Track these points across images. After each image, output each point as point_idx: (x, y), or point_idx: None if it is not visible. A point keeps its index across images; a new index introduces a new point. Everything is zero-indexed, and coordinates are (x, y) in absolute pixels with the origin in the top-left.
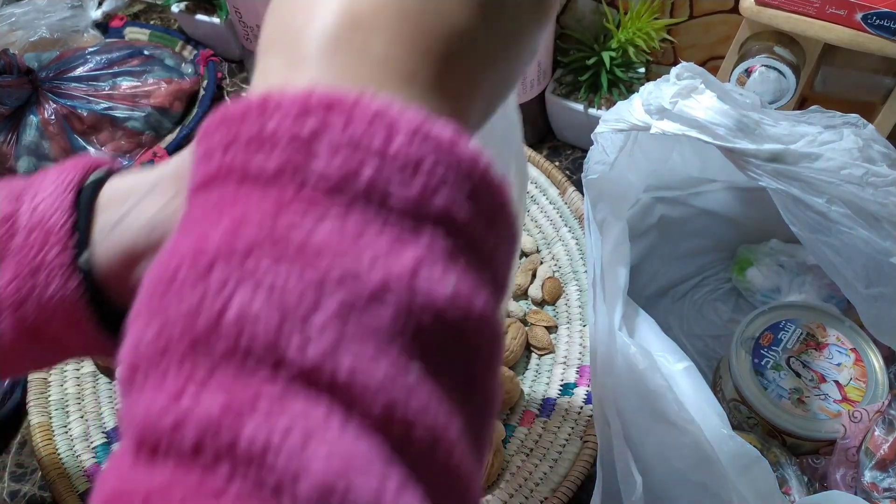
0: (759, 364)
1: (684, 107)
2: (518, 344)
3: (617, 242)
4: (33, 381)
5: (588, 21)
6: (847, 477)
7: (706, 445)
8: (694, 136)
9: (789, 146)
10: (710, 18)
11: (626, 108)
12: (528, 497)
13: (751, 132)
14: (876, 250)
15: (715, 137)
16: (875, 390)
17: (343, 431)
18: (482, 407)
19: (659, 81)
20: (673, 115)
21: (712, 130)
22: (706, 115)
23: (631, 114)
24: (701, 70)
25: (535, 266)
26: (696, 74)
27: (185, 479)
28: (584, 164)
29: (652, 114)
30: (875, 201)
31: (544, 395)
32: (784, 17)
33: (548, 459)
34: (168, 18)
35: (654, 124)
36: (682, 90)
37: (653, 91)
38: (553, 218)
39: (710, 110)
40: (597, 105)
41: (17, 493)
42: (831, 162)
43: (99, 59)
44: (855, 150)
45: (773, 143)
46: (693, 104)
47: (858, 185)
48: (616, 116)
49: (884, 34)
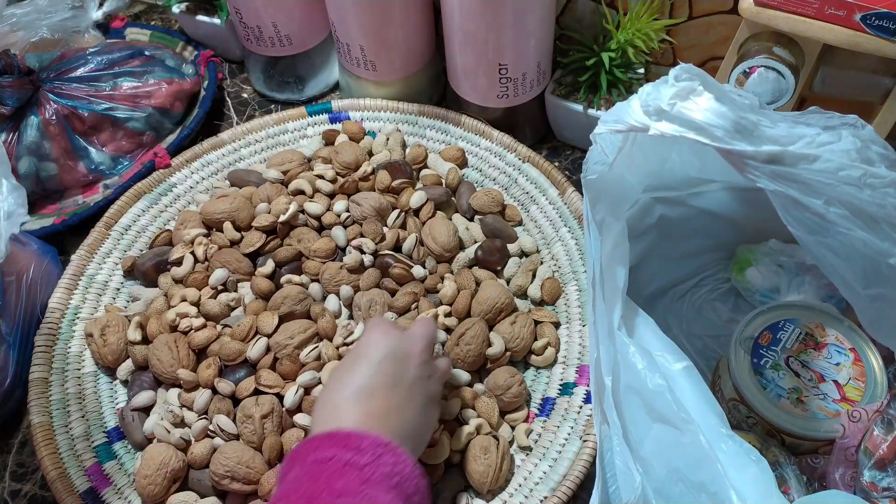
0: (758, 364)
1: (682, 108)
2: (528, 332)
3: (616, 243)
4: (34, 380)
5: (587, 22)
6: (846, 476)
7: (705, 445)
8: (692, 137)
9: (787, 148)
10: (710, 19)
11: (625, 110)
12: (528, 496)
13: (749, 134)
14: (874, 251)
15: (713, 139)
16: (874, 390)
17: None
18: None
19: (657, 83)
20: (671, 116)
21: (710, 132)
22: (704, 116)
23: (629, 115)
24: (699, 71)
25: (535, 266)
26: (695, 76)
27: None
28: (584, 164)
29: (650, 115)
30: (873, 202)
31: (544, 395)
32: (783, 18)
33: (547, 459)
34: (169, 19)
35: (652, 126)
36: (681, 92)
37: (651, 92)
38: (553, 218)
39: (709, 112)
40: (596, 105)
41: (18, 492)
42: (829, 163)
43: (100, 60)
44: (853, 152)
45: (771, 145)
46: (691, 106)
47: (856, 186)
48: (614, 117)
49: (883, 34)
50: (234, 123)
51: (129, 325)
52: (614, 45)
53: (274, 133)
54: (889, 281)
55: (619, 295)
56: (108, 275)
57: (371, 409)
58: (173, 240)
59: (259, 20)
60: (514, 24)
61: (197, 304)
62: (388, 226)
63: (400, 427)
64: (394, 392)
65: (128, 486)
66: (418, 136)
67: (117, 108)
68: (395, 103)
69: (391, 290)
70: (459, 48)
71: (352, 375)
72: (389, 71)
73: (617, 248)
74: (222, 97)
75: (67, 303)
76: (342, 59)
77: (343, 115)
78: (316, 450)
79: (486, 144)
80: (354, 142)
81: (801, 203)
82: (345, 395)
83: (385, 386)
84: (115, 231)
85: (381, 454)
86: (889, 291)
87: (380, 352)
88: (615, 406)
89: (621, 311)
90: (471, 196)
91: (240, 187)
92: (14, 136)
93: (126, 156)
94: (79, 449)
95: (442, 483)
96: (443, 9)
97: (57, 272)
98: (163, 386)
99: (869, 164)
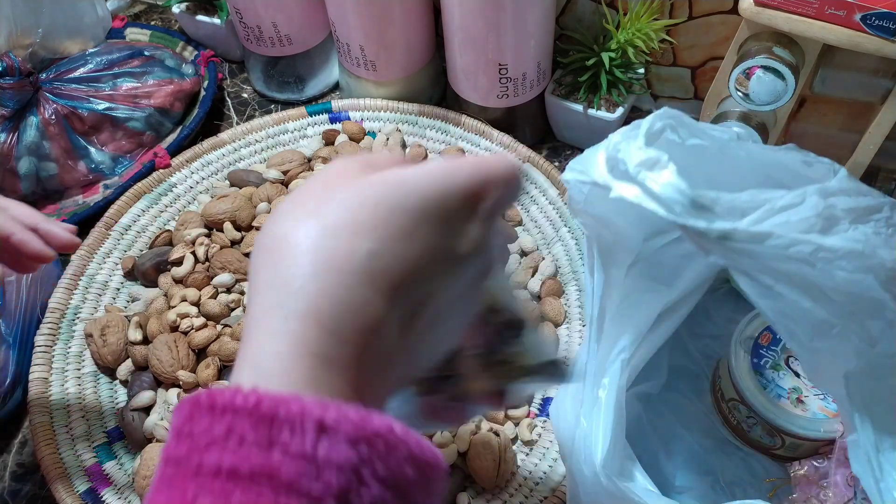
0: (758, 364)
1: (646, 178)
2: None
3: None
4: (34, 380)
5: (587, 22)
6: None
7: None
8: (651, 207)
9: (738, 226)
10: (710, 19)
11: (591, 162)
12: (528, 496)
13: (706, 210)
14: (819, 319)
15: (670, 213)
16: None
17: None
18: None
19: (628, 132)
20: (635, 181)
21: (669, 206)
22: (664, 191)
23: (595, 170)
24: (676, 113)
25: (537, 263)
26: (671, 118)
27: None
28: (568, 201)
29: (615, 175)
30: (823, 276)
31: (544, 395)
32: (783, 18)
33: (547, 459)
34: (169, 19)
35: (615, 187)
36: (647, 162)
37: (620, 144)
38: (553, 218)
39: (669, 187)
40: (596, 105)
41: (19, 492)
42: (780, 240)
43: (99, 60)
44: (813, 217)
45: (724, 222)
46: (655, 177)
47: (807, 262)
48: (581, 167)
49: (883, 34)
50: (234, 123)
51: (129, 325)
52: (614, 45)
53: (274, 133)
54: (832, 340)
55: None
56: (108, 275)
57: (368, 355)
58: (173, 240)
59: (259, 20)
60: (514, 24)
61: (197, 305)
62: None
63: (413, 373)
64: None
65: (128, 487)
66: (418, 136)
67: (117, 108)
68: (395, 103)
69: None
70: (459, 48)
71: (352, 235)
72: (389, 71)
73: (622, 309)
74: (222, 97)
75: (67, 303)
76: (342, 59)
77: (343, 115)
78: (223, 442)
79: (486, 144)
80: (354, 142)
81: (749, 276)
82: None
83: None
84: (115, 231)
85: (362, 461)
86: (830, 346)
87: (419, 202)
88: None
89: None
90: None
91: (240, 187)
92: (14, 136)
93: (126, 156)
94: (79, 449)
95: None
96: (443, 9)
97: (57, 272)
98: (163, 386)
99: (830, 227)
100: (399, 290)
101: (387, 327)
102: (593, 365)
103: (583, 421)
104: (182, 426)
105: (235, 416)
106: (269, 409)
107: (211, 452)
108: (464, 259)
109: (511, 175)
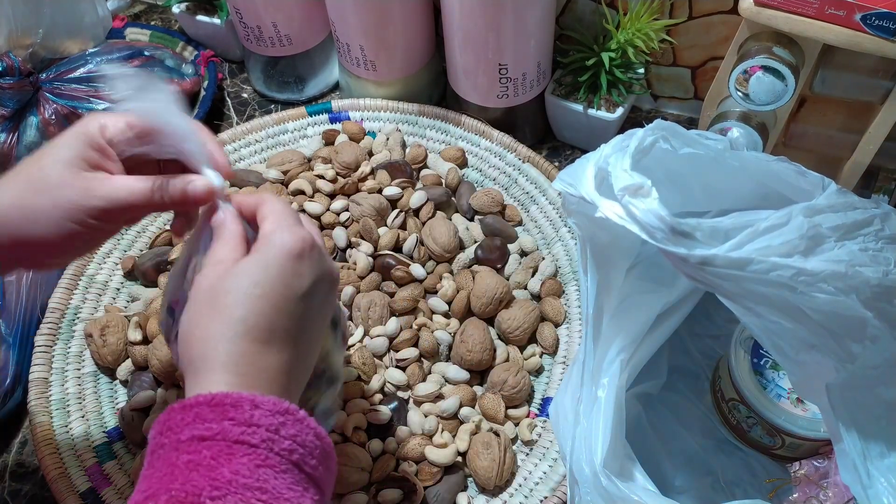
0: (758, 363)
1: (630, 203)
2: (532, 318)
3: (620, 298)
4: (34, 381)
5: (587, 21)
6: None
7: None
8: (634, 230)
9: (717, 253)
10: (710, 19)
11: (580, 175)
12: (528, 496)
13: (686, 236)
14: (799, 338)
15: (652, 238)
16: None
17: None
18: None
19: (620, 141)
20: (620, 203)
21: (651, 232)
22: (646, 217)
23: (583, 185)
24: (668, 125)
25: (537, 262)
26: (664, 130)
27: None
28: (562, 202)
29: (602, 193)
30: (803, 298)
31: (544, 395)
32: (783, 18)
33: (547, 459)
34: (169, 19)
35: (601, 206)
36: (631, 188)
37: (610, 156)
38: (553, 218)
39: (650, 214)
40: (596, 105)
41: (19, 492)
42: (761, 265)
43: (100, 60)
44: (796, 239)
45: (704, 249)
46: (638, 203)
47: (787, 287)
48: (571, 179)
49: (883, 34)
50: (234, 123)
51: (129, 325)
52: (614, 45)
53: (274, 133)
54: (815, 353)
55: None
56: (108, 275)
57: (270, 362)
58: (173, 240)
59: (259, 20)
60: (514, 24)
61: None
62: (388, 226)
63: (301, 378)
64: (301, 337)
65: (128, 487)
66: (418, 136)
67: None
68: (395, 103)
69: (391, 293)
70: (459, 48)
71: (243, 300)
72: (389, 71)
73: (619, 311)
74: (222, 97)
75: (67, 303)
76: (342, 59)
77: (343, 115)
78: (193, 423)
79: (486, 144)
80: (354, 142)
81: (731, 299)
82: (232, 332)
83: (291, 328)
84: None
85: (279, 425)
86: (814, 360)
87: (296, 274)
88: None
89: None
90: (471, 196)
91: (240, 187)
92: (14, 136)
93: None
94: (79, 449)
95: (442, 483)
96: (443, 9)
97: (57, 272)
98: (163, 386)
99: (814, 247)
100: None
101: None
102: (591, 364)
103: (582, 421)
104: (163, 425)
105: (199, 407)
106: (220, 399)
107: (184, 431)
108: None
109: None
